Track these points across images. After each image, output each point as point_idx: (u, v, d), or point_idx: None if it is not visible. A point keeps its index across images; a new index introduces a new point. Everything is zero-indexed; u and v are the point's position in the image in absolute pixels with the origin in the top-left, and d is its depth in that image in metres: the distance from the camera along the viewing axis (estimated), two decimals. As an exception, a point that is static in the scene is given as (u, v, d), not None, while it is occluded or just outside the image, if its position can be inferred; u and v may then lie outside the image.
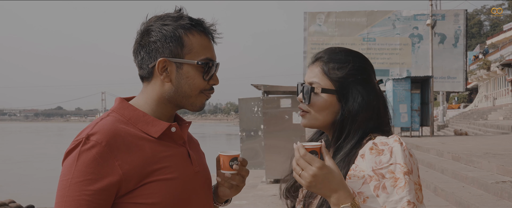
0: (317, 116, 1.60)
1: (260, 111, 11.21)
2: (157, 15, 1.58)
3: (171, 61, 1.52)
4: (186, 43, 1.52)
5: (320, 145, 1.45)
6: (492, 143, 12.93)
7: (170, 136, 1.55)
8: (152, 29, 1.54)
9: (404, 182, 1.40)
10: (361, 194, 1.45)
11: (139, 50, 1.56)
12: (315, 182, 1.39)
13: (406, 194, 1.39)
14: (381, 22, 26.14)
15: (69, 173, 1.40)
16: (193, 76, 1.54)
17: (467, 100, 56.97)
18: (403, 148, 1.46)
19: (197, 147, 1.73)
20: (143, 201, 1.44)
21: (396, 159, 1.43)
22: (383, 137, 1.52)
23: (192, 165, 1.59)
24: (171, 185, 1.49)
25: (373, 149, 1.47)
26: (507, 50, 38.92)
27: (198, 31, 1.55)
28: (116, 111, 1.55)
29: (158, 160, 1.48)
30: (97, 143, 1.41)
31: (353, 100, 1.57)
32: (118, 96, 1.63)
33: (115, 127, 1.46)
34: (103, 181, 1.39)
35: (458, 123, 29.44)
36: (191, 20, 1.55)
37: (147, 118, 1.53)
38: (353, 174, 1.48)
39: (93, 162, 1.39)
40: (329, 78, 1.59)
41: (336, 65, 1.59)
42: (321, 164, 1.39)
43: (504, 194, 6.31)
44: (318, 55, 1.65)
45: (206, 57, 1.55)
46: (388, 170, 1.43)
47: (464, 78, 25.89)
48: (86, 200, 1.37)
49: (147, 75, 1.56)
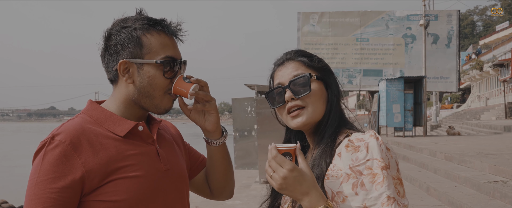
0: (315, 108, 1.57)
1: (254, 111, 11.21)
2: (119, 18, 1.61)
3: (132, 62, 1.55)
4: (144, 43, 1.55)
5: (295, 147, 1.41)
6: (485, 143, 12.99)
7: (138, 134, 1.57)
8: (112, 33, 1.57)
9: (382, 177, 1.38)
10: (340, 193, 1.43)
11: (103, 55, 1.60)
12: (285, 184, 1.36)
13: (385, 189, 1.37)
14: (375, 22, 26.19)
15: (35, 172, 1.44)
16: (154, 76, 1.55)
17: (460, 100, 57.18)
18: (379, 142, 1.44)
19: (170, 145, 1.72)
20: (108, 199, 1.47)
21: (372, 154, 1.41)
22: (359, 133, 1.51)
23: (161, 163, 1.60)
24: (136, 182, 1.50)
25: (349, 146, 1.46)
26: (499, 50, 39.10)
27: (157, 31, 1.57)
28: (85, 112, 1.59)
29: (123, 158, 1.50)
30: (61, 142, 1.44)
31: (334, 87, 1.62)
32: (89, 99, 1.65)
33: (80, 126, 1.50)
34: (66, 178, 1.42)
35: (450, 123, 29.53)
36: (149, 20, 1.57)
37: (114, 118, 1.56)
38: (331, 174, 1.47)
39: (57, 160, 1.42)
40: (313, 68, 1.60)
41: (311, 57, 1.63)
42: (291, 166, 1.36)
43: (496, 194, 6.35)
44: (285, 57, 1.65)
45: (166, 56, 1.56)
46: (366, 166, 1.41)
47: (457, 79, 25.99)
48: (51, 198, 1.40)
49: (113, 78, 1.60)
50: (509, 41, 38.15)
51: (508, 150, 10.27)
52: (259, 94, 11.91)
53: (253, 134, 11.43)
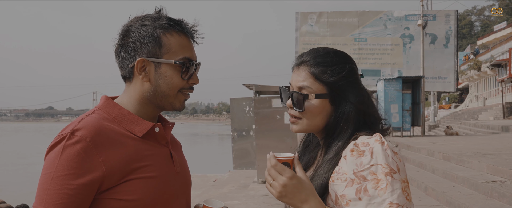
0: (310, 122, 1.58)
1: (252, 110, 11.21)
2: (138, 16, 1.60)
3: (150, 61, 1.54)
4: (164, 43, 1.54)
5: (293, 157, 1.45)
6: (483, 143, 13.01)
7: (153, 135, 1.57)
8: (131, 29, 1.56)
9: (386, 184, 1.38)
10: (344, 197, 1.43)
11: (119, 51, 1.59)
12: (285, 192, 1.41)
13: (388, 195, 1.37)
14: (373, 22, 26.21)
15: (52, 166, 1.41)
16: (171, 76, 1.55)
17: (458, 100, 57.27)
18: (385, 147, 1.43)
19: (179, 149, 1.75)
20: (124, 198, 1.46)
21: (377, 160, 1.41)
22: (365, 137, 1.50)
23: (174, 166, 1.61)
24: (151, 183, 1.50)
25: (354, 150, 1.46)
26: (497, 50, 39.17)
27: (177, 31, 1.57)
28: (101, 109, 1.57)
29: (140, 158, 1.50)
30: (82, 138, 1.42)
31: (345, 103, 1.56)
32: (104, 95, 1.64)
33: (100, 123, 1.48)
34: (86, 176, 1.40)
35: (448, 123, 29.57)
36: (169, 20, 1.57)
37: (131, 117, 1.55)
38: (336, 176, 1.47)
39: (77, 156, 1.40)
40: (321, 82, 1.55)
41: (325, 68, 1.56)
42: (291, 174, 1.40)
43: (494, 194, 6.36)
44: (303, 58, 1.61)
45: (184, 57, 1.56)
46: (370, 171, 1.41)
47: (455, 79, 26.02)
48: (67, 194, 1.38)
49: (128, 75, 1.59)
50: (507, 41, 38.23)
51: (506, 150, 10.28)
52: (257, 94, 11.91)
53: (251, 134, 11.44)
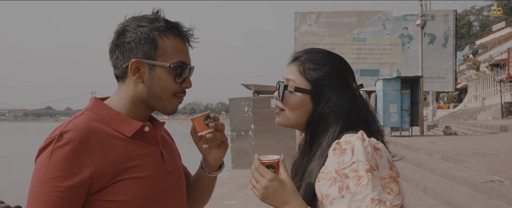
0: (290, 115, 1.61)
1: (251, 110, 11.21)
2: (134, 16, 1.59)
3: (144, 63, 1.54)
4: (160, 45, 1.54)
5: (278, 159, 1.49)
6: (481, 143, 13.02)
7: (143, 135, 1.57)
8: (128, 29, 1.55)
9: (367, 180, 1.39)
10: (329, 196, 1.44)
11: (114, 50, 1.58)
12: (266, 194, 1.44)
13: (369, 192, 1.38)
14: (371, 22, 26.22)
15: (41, 169, 1.41)
16: (165, 79, 1.55)
17: (457, 100, 57.31)
18: (365, 144, 1.43)
19: (171, 147, 1.74)
20: (115, 199, 1.46)
21: (357, 157, 1.42)
22: (348, 135, 1.51)
23: (165, 165, 1.60)
24: (142, 183, 1.50)
25: (336, 149, 1.47)
26: (496, 50, 39.19)
27: (173, 34, 1.56)
28: (90, 110, 1.56)
29: (130, 158, 1.50)
30: (70, 140, 1.42)
31: (325, 102, 1.57)
32: (93, 96, 1.64)
33: (88, 125, 1.48)
34: (75, 178, 1.40)
35: (447, 123, 29.59)
36: (167, 22, 1.56)
37: (120, 117, 1.55)
38: (321, 176, 1.48)
39: (65, 159, 1.40)
40: (305, 78, 1.59)
41: (312, 65, 1.60)
42: (271, 177, 1.44)
43: (492, 193, 6.36)
44: (297, 54, 1.66)
45: (179, 60, 1.56)
46: (351, 168, 1.42)
47: (453, 79, 26.03)
48: (57, 197, 1.38)
49: (121, 75, 1.58)
50: (505, 41, 38.25)
51: (505, 150, 10.29)
52: (256, 94, 11.92)
53: (250, 134, 11.43)
